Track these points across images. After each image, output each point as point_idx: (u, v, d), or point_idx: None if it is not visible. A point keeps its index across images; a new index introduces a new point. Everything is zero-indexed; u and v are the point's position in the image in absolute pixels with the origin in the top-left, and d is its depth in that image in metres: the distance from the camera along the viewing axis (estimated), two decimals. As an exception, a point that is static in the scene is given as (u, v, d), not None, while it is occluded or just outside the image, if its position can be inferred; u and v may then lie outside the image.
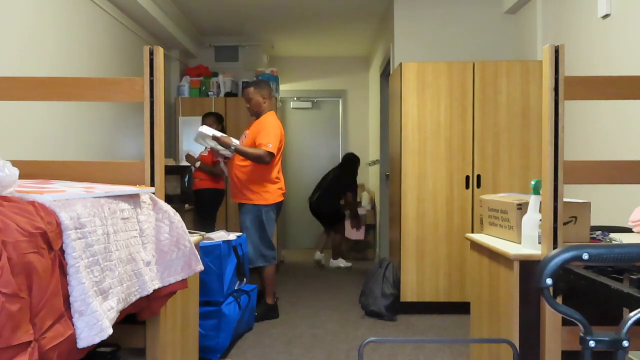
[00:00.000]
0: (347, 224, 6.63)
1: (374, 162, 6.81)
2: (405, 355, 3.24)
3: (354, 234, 6.71)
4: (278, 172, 4.04)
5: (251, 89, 4.01)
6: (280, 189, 4.06)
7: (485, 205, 2.59)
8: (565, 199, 2.07)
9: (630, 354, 2.83)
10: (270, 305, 4.09)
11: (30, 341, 1.07)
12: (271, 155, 3.85)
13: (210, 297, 3.20)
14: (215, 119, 5.00)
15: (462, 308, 3.86)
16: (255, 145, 3.88)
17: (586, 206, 2.15)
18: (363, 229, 6.75)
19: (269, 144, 3.84)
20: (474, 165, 4.18)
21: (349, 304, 4.50)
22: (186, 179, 4.21)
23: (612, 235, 2.25)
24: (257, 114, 4.04)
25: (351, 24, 5.94)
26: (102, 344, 1.51)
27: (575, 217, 2.13)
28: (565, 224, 2.07)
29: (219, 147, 3.93)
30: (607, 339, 0.98)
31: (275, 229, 4.23)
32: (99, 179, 1.88)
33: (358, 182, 7.31)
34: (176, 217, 1.80)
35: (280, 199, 4.07)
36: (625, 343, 0.98)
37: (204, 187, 4.85)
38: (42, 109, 3.29)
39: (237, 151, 3.88)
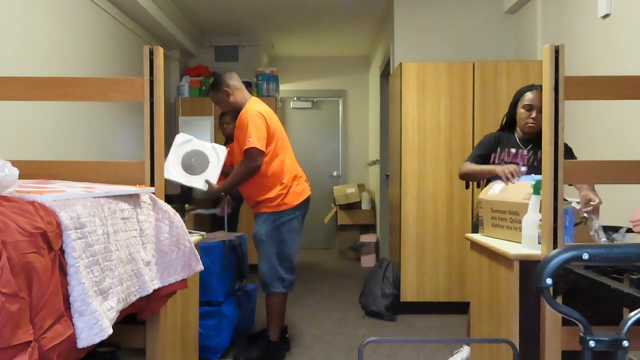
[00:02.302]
0: None
1: (374, 162, 6.81)
2: (405, 355, 3.24)
3: None
4: (282, 165, 3.21)
5: (210, 94, 3.35)
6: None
7: (488, 207, 2.51)
8: (573, 199, 2.08)
9: (630, 354, 2.83)
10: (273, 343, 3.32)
11: (30, 341, 1.07)
12: (258, 151, 3.07)
13: (210, 297, 3.20)
14: None
15: (462, 308, 3.87)
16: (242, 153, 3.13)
17: (595, 206, 2.16)
18: None
19: (249, 139, 3.05)
20: (474, 165, 4.18)
21: (349, 304, 4.50)
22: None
23: (614, 235, 2.26)
24: (235, 111, 3.28)
25: (351, 24, 5.94)
26: (102, 344, 1.51)
27: (586, 218, 2.14)
28: (576, 224, 2.08)
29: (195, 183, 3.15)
30: (607, 339, 0.98)
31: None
32: (99, 179, 1.88)
33: (358, 182, 7.32)
34: (176, 217, 1.80)
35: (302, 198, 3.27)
36: (625, 343, 0.98)
37: None
38: (42, 109, 3.29)
39: (225, 189, 3.20)
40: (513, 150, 2.80)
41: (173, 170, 3.09)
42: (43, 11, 3.32)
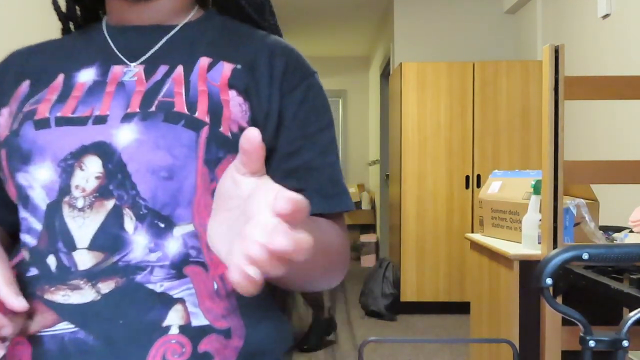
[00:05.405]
0: None
1: (374, 162, 6.81)
2: (405, 355, 3.24)
3: None
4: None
5: None
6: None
7: (488, 206, 2.52)
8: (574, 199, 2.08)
9: (630, 354, 2.83)
10: None
11: (30, 341, 1.07)
12: None
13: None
14: None
15: (462, 308, 3.87)
16: None
17: (595, 206, 2.16)
18: None
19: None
20: (474, 165, 4.19)
21: (349, 304, 4.50)
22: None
23: (615, 235, 2.26)
24: None
25: (351, 24, 5.94)
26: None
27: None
28: (576, 224, 2.08)
29: None
30: (607, 339, 0.98)
31: None
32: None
33: (358, 182, 7.32)
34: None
35: None
36: (625, 343, 0.98)
37: None
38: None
39: None
40: (88, 76, 0.71)
41: None
42: (42, 11, 3.33)
